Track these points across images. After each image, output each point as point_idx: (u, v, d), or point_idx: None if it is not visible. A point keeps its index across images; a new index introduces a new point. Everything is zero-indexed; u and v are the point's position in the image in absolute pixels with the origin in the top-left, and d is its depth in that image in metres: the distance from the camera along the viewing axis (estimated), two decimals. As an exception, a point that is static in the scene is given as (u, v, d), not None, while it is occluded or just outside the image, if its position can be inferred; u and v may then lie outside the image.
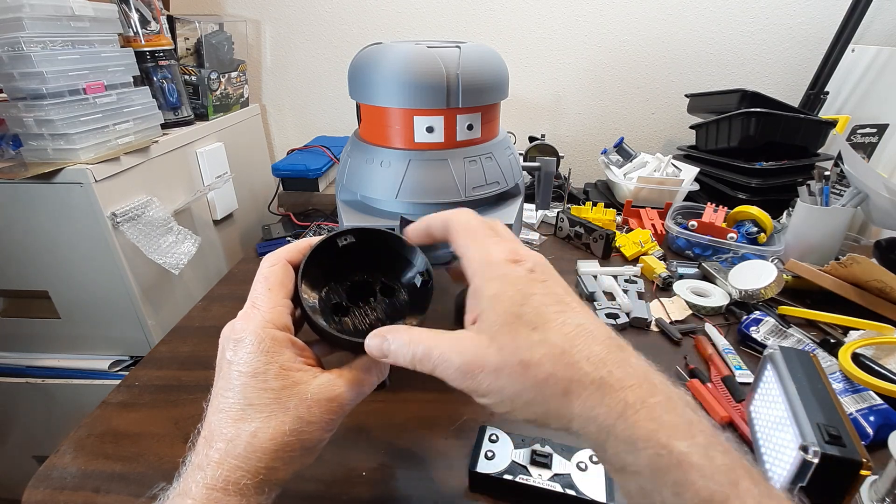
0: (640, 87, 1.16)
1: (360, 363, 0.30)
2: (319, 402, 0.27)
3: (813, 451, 0.32)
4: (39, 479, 0.41)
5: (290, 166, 0.96)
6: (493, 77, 0.43)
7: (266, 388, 0.26)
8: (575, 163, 1.24)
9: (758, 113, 0.86)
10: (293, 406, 0.26)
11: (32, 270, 0.74)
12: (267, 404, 0.26)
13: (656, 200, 0.94)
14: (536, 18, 1.11)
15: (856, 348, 0.49)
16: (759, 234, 0.79)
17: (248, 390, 0.26)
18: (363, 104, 0.45)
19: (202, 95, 0.98)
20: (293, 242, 0.32)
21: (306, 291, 0.30)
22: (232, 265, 0.80)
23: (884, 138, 0.92)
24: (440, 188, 0.43)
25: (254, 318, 0.27)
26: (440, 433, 0.46)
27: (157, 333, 0.79)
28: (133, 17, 0.81)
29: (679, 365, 0.55)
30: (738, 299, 0.65)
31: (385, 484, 0.41)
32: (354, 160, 0.46)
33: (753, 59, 1.11)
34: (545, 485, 0.39)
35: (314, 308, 0.30)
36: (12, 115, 0.67)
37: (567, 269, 0.77)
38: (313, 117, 1.27)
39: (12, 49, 0.62)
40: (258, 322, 0.27)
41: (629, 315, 0.62)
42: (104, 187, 0.68)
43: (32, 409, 0.85)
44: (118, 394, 0.51)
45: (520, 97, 1.19)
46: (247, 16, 1.15)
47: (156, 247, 0.73)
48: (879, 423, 0.43)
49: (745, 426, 0.45)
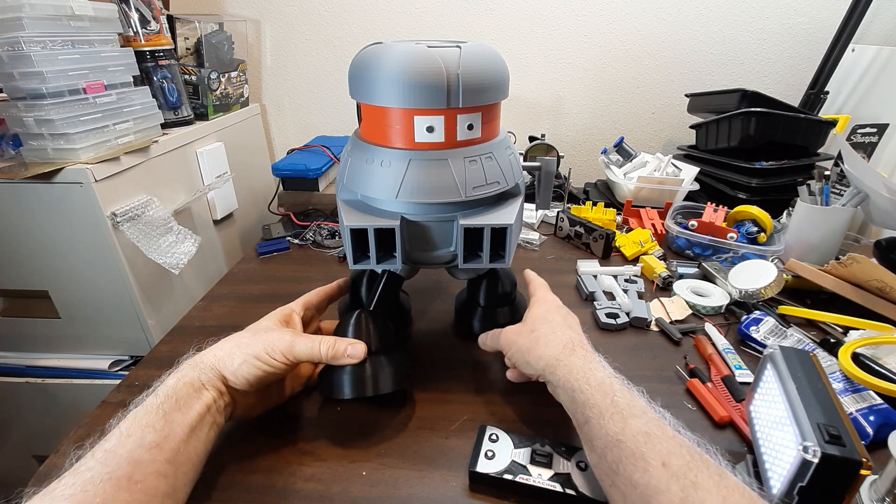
0: (640, 87, 1.16)
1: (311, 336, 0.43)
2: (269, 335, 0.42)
3: (813, 450, 0.32)
4: (39, 479, 0.41)
5: (290, 166, 0.96)
6: (493, 77, 0.43)
7: (251, 327, 0.45)
8: (575, 163, 1.24)
9: (758, 113, 0.86)
10: (253, 330, 0.44)
11: (32, 270, 0.74)
12: (237, 333, 0.43)
13: (656, 200, 0.94)
14: (536, 18, 1.11)
15: (856, 348, 0.49)
16: (759, 234, 0.79)
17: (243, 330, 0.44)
18: (363, 104, 0.45)
19: (202, 95, 0.98)
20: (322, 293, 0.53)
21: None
22: (232, 265, 0.80)
23: (884, 138, 0.92)
24: (440, 188, 0.43)
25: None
26: (440, 433, 0.46)
27: (157, 333, 0.79)
28: (133, 17, 0.81)
29: (679, 365, 0.55)
30: (738, 299, 0.65)
31: (385, 484, 0.41)
32: (354, 160, 0.46)
33: (753, 59, 1.11)
34: (545, 484, 0.39)
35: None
36: (12, 115, 0.67)
37: (567, 269, 0.77)
38: (313, 117, 1.27)
39: (12, 49, 0.62)
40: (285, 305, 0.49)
41: (629, 315, 0.62)
42: (104, 187, 0.68)
43: (32, 409, 0.85)
44: (118, 394, 0.51)
45: (520, 97, 1.19)
46: (247, 16, 1.15)
47: (156, 246, 0.73)
48: (879, 422, 0.43)
49: (745, 426, 0.45)
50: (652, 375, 0.54)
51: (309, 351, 0.42)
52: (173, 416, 0.35)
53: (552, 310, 0.48)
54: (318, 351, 0.42)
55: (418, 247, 0.47)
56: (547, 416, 0.47)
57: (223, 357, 0.40)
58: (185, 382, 0.38)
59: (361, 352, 0.43)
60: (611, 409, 0.35)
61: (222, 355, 0.40)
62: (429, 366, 0.55)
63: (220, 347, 0.42)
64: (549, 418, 0.47)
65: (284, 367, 0.41)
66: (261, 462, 0.43)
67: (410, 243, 0.46)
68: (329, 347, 0.42)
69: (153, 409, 0.35)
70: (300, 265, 0.79)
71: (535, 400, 0.50)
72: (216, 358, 0.40)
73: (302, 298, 0.50)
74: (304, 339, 0.42)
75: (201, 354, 0.41)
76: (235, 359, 0.40)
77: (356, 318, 0.47)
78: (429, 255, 0.48)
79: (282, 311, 0.47)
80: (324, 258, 0.81)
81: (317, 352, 0.42)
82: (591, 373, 0.39)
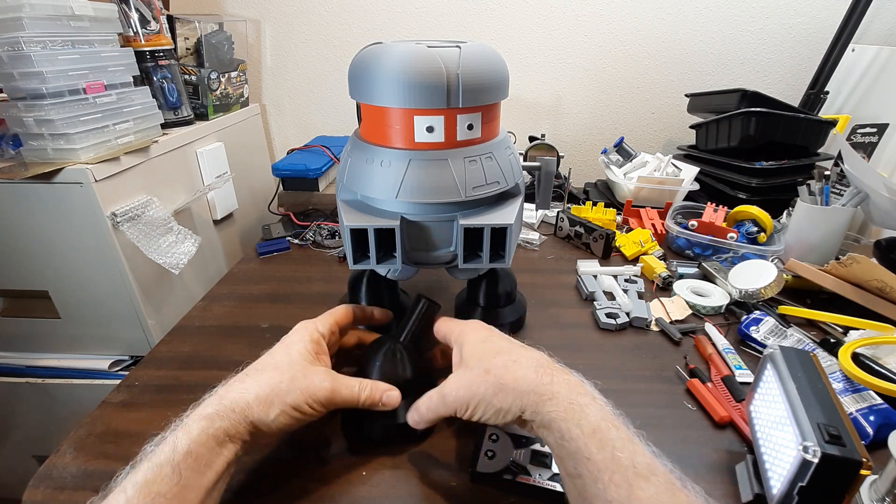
0: (640, 87, 1.16)
1: (350, 382, 0.40)
2: (308, 381, 0.37)
3: (813, 450, 0.32)
4: (39, 479, 0.41)
5: (290, 166, 0.96)
6: (493, 77, 0.43)
7: (282, 362, 0.39)
8: (575, 163, 1.24)
9: (758, 112, 0.86)
10: (287, 370, 0.38)
11: (32, 270, 0.74)
12: (267, 368, 0.38)
13: (656, 200, 0.94)
14: (536, 18, 1.11)
15: (856, 348, 0.49)
16: (759, 234, 0.79)
17: (269, 362, 0.39)
18: (363, 104, 0.45)
19: (202, 95, 0.98)
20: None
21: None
22: (232, 265, 0.80)
23: (884, 138, 0.92)
24: (440, 188, 0.43)
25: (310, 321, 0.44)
26: (440, 433, 0.46)
27: (157, 333, 0.79)
28: (133, 17, 0.81)
29: (679, 365, 0.55)
30: (738, 299, 0.65)
31: (385, 484, 0.41)
32: (354, 160, 0.46)
33: (753, 59, 1.11)
34: (545, 484, 0.39)
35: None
36: (12, 115, 0.67)
37: (567, 269, 0.77)
38: (313, 117, 1.27)
39: (12, 49, 0.62)
40: (310, 322, 0.44)
41: (629, 315, 0.62)
42: (104, 187, 0.68)
43: (32, 409, 0.85)
44: (118, 394, 0.51)
45: (520, 97, 1.19)
46: (247, 16, 1.15)
47: (156, 247, 0.73)
48: (879, 422, 0.43)
49: (745, 426, 0.45)
50: (652, 375, 0.54)
51: (349, 401, 0.39)
52: (190, 479, 0.31)
53: (486, 337, 0.40)
54: (357, 400, 0.39)
55: (418, 247, 0.47)
56: (547, 416, 0.47)
57: (257, 406, 0.35)
58: (210, 435, 0.33)
59: (396, 401, 0.40)
60: (611, 468, 0.29)
61: (256, 404, 0.35)
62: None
63: (249, 390, 0.36)
64: (549, 418, 0.47)
65: (321, 415, 0.38)
66: (261, 462, 0.43)
67: (410, 243, 0.46)
68: (367, 397, 0.39)
69: (168, 473, 0.30)
70: (300, 265, 0.79)
71: (535, 400, 0.50)
72: (248, 406, 0.35)
73: (329, 317, 0.45)
74: (344, 387, 0.39)
75: (229, 395, 0.36)
76: (273, 409, 0.36)
77: (388, 353, 0.44)
78: (429, 255, 0.48)
79: (310, 337, 0.41)
80: (324, 258, 0.81)
81: (356, 401, 0.39)
82: (582, 411, 0.32)
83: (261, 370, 0.38)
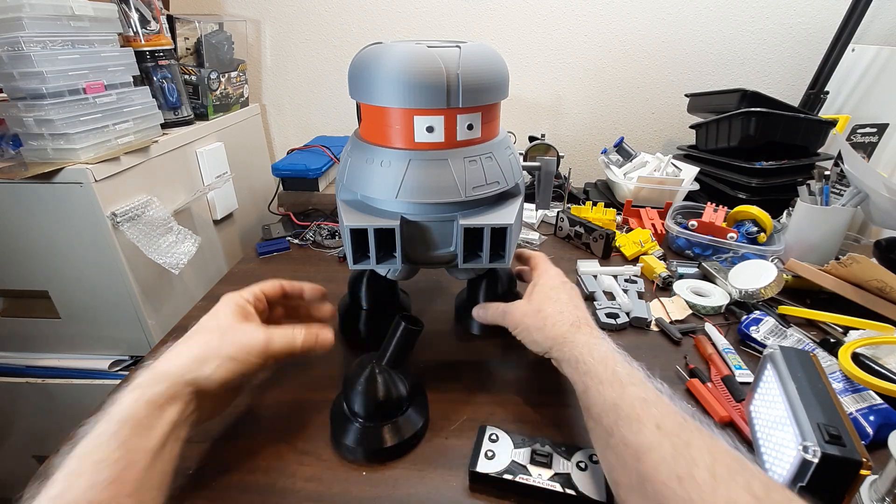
0: (640, 87, 1.16)
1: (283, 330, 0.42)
2: (241, 333, 0.40)
3: (813, 450, 0.32)
4: (39, 479, 0.41)
5: (290, 166, 0.96)
6: (493, 77, 0.43)
7: (210, 325, 0.41)
8: (575, 163, 1.24)
9: (758, 112, 0.86)
10: (216, 330, 0.40)
11: (32, 270, 0.74)
12: (197, 333, 0.40)
13: (656, 200, 0.94)
14: (536, 18, 1.11)
15: (856, 348, 0.49)
16: (759, 234, 0.79)
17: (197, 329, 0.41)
18: (363, 104, 0.45)
19: (202, 95, 0.98)
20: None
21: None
22: (232, 265, 0.80)
23: (884, 138, 0.92)
24: (440, 188, 0.43)
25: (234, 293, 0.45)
26: (440, 433, 0.46)
27: (157, 333, 0.79)
28: (133, 17, 0.81)
29: (679, 365, 0.55)
30: (738, 299, 0.65)
31: (385, 484, 0.41)
32: (354, 160, 0.46)
33: (753, 59, 1.11)
34: (545, 484, 0.39)
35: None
36: (12, 115, 0.67)
37: (567, 269, 0.77)
38: (313, 117, 1.27)
39: (12, 49, 0.62)
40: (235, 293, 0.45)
41: (629, 315, 0.62)
42: (104, 187, 0.68)
43: (32, 409, 0.85)
44: (118, 394, 0.51)
45: (520, 97, 1.19)
46: (247, 16, 1.15)
47: (156, 247, 0.73)
48: (879, 422, 0.43)
49: (745, 426, 0.45)
50: (652, 375, 0.53)
51: (285, 347, 0.41)
52: (133, 443, 0.31)
53: (557, 286, 0.49)
54: (294, 345, 0.42)
55: (418, 247, 0.47)
56: (547, 417, 0.47)
57: (191, 364, 0.37)
58: (145, 401, 0.33)
59: (331, 340, 0.44)
60: (610, 378, 0.37)
61: (189, 363, 0.37)
62: (429, 366, 0.55)
63: (182, 354, 0.38)
64: (549, 418, 0.47)
65: (260, 365, 0.40)
66: (261, 462, 0.43)
67: (410, 243, 0.46)
68: (304, 340, 0.42)
69: (106, 440, 0.31)
70: (300, 265, 0.79)
71: (535, 400, 0.50)
72: (182, 367, 0.37)
73: (255, 287, 0.46)
74: (277, 335, 0.41)
75: (159, 364, 0.37)
76: (209, 364, 0.37)
77: (369, 376, 0.43)
78: (428, 255, 0.48)
79: (235, 303, 0.43)
80: (324, 258, 0.81)
81: (294, 346, 0.42)
82: (595, 347, 0.41)
83: (190, 337, 0.40)
